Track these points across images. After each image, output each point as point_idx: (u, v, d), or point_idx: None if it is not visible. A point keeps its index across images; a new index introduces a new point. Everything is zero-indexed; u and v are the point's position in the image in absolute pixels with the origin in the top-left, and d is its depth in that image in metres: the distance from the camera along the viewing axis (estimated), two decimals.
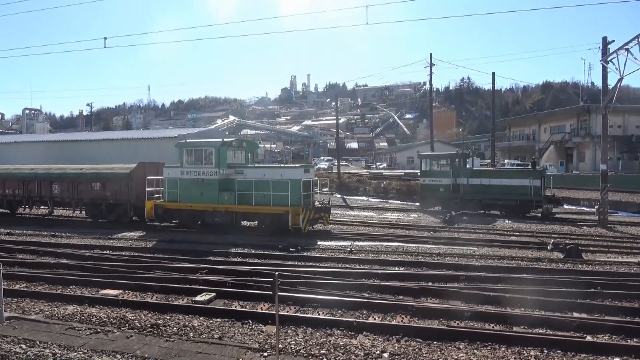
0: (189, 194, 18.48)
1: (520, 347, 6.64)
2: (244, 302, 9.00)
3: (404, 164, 75.16)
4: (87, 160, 26.86)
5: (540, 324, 7.58)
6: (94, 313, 8.25)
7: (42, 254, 13.84)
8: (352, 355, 6.40)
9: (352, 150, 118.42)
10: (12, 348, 6.61)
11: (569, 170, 53.78)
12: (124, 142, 38.07)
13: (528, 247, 15.09)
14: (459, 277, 10.56)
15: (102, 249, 14.75)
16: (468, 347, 6.71)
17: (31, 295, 9.43)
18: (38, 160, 28.42)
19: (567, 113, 59.50)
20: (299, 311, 8.42)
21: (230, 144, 18.94)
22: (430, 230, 18.81)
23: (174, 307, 8.60)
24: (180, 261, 12.43)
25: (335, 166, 46.70)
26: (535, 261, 12.79)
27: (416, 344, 6.84)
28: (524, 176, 23.84)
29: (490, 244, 15.47)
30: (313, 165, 24.17)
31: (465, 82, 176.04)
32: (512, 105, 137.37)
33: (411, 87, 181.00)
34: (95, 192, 21.15)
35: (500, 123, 72.40)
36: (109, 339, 6.97)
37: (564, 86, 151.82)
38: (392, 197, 33.88)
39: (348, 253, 13.93)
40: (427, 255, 13.46)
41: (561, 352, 6.48)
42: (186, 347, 6.68)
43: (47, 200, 22.58)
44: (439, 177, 25.70)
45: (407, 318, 7.97)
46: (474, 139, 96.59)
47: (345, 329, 7.44)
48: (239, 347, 6.67)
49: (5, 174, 23.62)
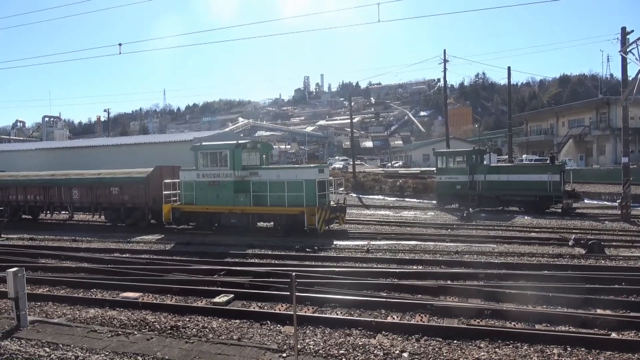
0: (205, 196, 18.62)
1: (542, 345, 6.52)
2: (262, 303, 9.02)
3: (419, 161, 74.73)
4: (105, 166, 27.29)
5: (563, 321, 7.44)
6: (115, 316, 8.36)
7: (64, 259, 14.09)
8: (371, 355, 6.36)
9: (367, 149, 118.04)
10: (36, 351, 6.74)
11: (588, 164, 52.75)
12: (140, 147, 38.62)
13: (549, 243, 14.83)
14: (478, 275, 10.43)
15: (122, 252, 14.96)
16: (489, 345, 6.62)
17: (54, 299, 9.59)
18: (58, 167, 28.96)
19: (586, 106, 58.37)
20: (317, 311, 8.41)
21: (245, 145, 19.02)
22: (447, 228, 18.63)
23: (193, 308, 8.66)
24: (198, 263, 12.53)
25: (351, 165, 46.60)
26: (556, 257, 12.57)
27: (436, 343, 6.77)
28: (542, 171, 23.46)
29: (509, 240, 15.24)
30: (327, 165, 24.14)
31: (480, 77, 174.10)
32: (528, 100, 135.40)
33: (425, 84, 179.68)
34: (113, 196, 21.45)
35: (517, 118, 71.36)
36: (129, 341, 7.05)
37: (582, 79, 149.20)
38: (409, 195, 33.66)
39: (365, 252, 13.87)
40: (445, 254, 13.33)
41: (585, 350, 6.35)
42: (206, 349, 6.72)
43: (67, 205, 22.98)
44: (456, 174, 25.44)
45: (426, 317, 7.89)
46: (491, 134, 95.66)
47: (364, 328, 7.40)
48: (258, 348, 6.68)
49: (26, 180, 24.12)
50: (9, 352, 6.70)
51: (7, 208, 24.15)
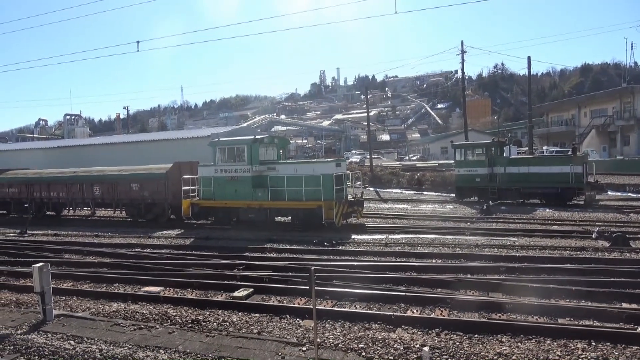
0: (223, 191, 18.76)
1: (566, 340, 6.40)
2: (281, 297, 9.06)
3: (437, 154, 74.03)
4: (126, 162, 27.70)
5: (586, 315, 7.30)
6: (137, 310, 8.50)
7: (87, 254, 14.37)
8: (391, 349, 6.33)
9: (384, 143, 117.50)
10: (62, 344, 6.89)
11: (612, 155, 51.54)
12: (159, 143, 39.08)
13: (571, 236, 14.54)
14: (499, 269, 10.29)
15: (143, 247, 15.19)
16: (511, 340, 6.53)
17: (78, 294, 9.79)
18: (79, 164, 29.52)
19: (609, 95, 56.95)
20: (336, 305, 8.40)
21: (262, 140, 19.08)
22: (467, 222, 18.43)
23: (213, 302, 8.75)
24: (217, 258, 12.64)
25: (368, 159, 46.41)
26: (579, 250, 12.32)
27: (456, 337, 6.71)
28: (564, 163, 22.99)
29: (530, 233, 15.01)
30: (345, 159, 24.05)
31: (499, 68, 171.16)
32: (549, 90, 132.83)
33: (442, 76, 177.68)
34: (134, 192, 21.78)
35: (537, 109, 70.04)
36: (152, 335, 7.16)
37: (604, 67, 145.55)
38: (427, 188, 33.38)
39: (383, 246, 13.80)
40: (465, 247, 13.19)
41: (610, 345, 6.21)
42: (226, 342, 6.78)
43: (89, 201, 23.43)
44: (475, 166, 25.13)
45: (446, 311, 7.83)
46: (510, 126, 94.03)
47: (383, 322, 7.37)
48: (277, 342, 6.72)
49: (50, 177, 24.65)
50: (35, 345, 6.87)
51: (31, 205, 24.76)
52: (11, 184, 25.64)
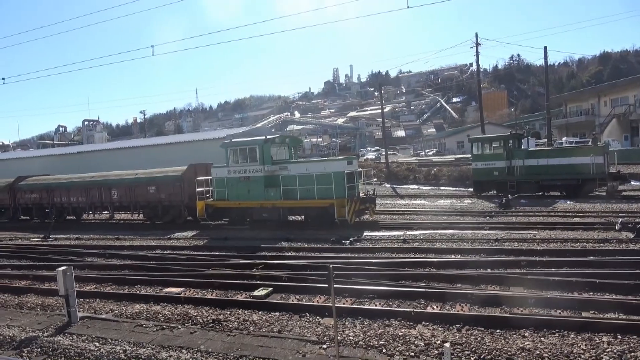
0: (236, 192, 18.91)
1: (591, 334, 6.29)
2: (300, 295, 9.08)
3: (453, 149, 73.27)
4: (144, 166, 28.06)
5: (612, 308, 7.16)
6: (159, 310, 8.61)
7: (109, 257, 14.62)
8: (412, 345, 6.30)
9: (399, 139, 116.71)
10: (87, 346, 7.02)
11: (634, 144, 50.33)
12: (176, 146, 39.50)
13: (593, 228, 14.26)
14: (520, 263, 10.15)
15: (163, 249, 15.39)
16: (534, 334, 6.44)
17: (101, 296, 9.97)
18: (98, 169, 30.01)
19: (630, 83, 55.52)
20: (355, 303, 8.39)
21: (274, 140, 19.16)
22: (485, 216, 18.22)
23: (233, 302, 8.81)
24: (236, 258, 12.73)
25: (383, 156, 46.19)
26: (602, 242, 12.09)
27: (478, 332, 6.64)
28: (584, 153, 22.56)
29: (551, 226, 14.77)
30: (356, 157, 24.02)
31: (514, 59, 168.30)
32: (567, 80, 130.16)
33: (457, 69, 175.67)
34: (150, 195, 22.08)
35: (556, 99, 68.67)
36: (174, 335, 7.26)
37: (624, 55, 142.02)
38: (444, 183, 33.09)
39: (401, 243, 13.73)
40: (484, 242, 13.04)
41: (637, 338, 6.08)
42: (247, 341, 6.83)
43: (107, 205, 23.82)
44: (493, 160, 24.83)
45: (467, 307, 7.76)
46: (528, 118, 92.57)
47: (403, 319, 7.34)
48: (298, 340, 6.74)
49: (69, 183, 25.14)
50: (62, 347, 7.01)
51: (53, 210, 25.28)
52: (32, 190, 26.23)
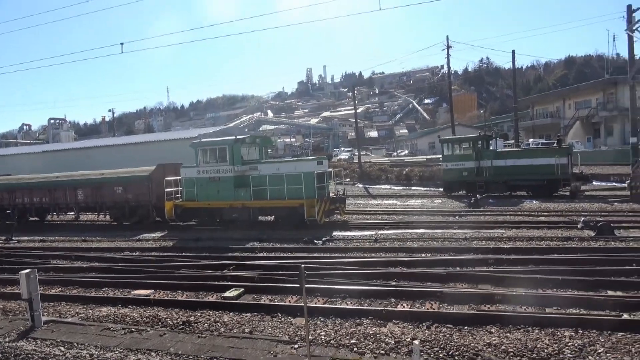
0: (205, 192, 18.73)
1: (554, 329, 6.51)
2: (272, 295, 9.07)
3: (425, 150, 74.39)
4: (112, 166, 27.41)
5: (574, 304, 7.42)
6: (128, 313, 8.44)
7: (75, 259, 14.22)
8: (382, 343, 6.38)
9: (372, 139, 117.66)
10: (51, 351, 6.82)
11: (596, 146, 52.24)
12: (145, 146, 38.82)
13: (557, 226, 14.75)
14: (487, 261, 10.41)
15: (132, 250, 15.08)
16: (500, 330, 6.62)
17: (66, 299, 9.69)
18: (64, 169, 29.15)
19: (593, 87, 57.65)
20: (327, 302, 8.43)
21: (244, 140, 19.06)
22: (455, 215, 18.59)
23: (204, 303, 8.72)
24: (207, 259, 12.60)
25: (356, 156, 46.48)
26: (565, 240, 12.50)
27: (447, 330, 6.78)
28: (550, 155, 23.29)
29: (517, 225, 15.18)
30: (327, 157, 24.14)
31: (484, 62, 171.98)
32: (534, 83, 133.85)
33: (429, 71, 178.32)
34: (117, 195, 21.59)
35: (523, 102, 70.65)
36: (143, 338, 7.13)
37: (587, 59, 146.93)
38: (415, 183, 33.58)
39: (373, 242, 13.87)
40: (454, 240, 13.31)
41: (597, 332, 6.33)
42: (218, 343, 6.77)
43: (72, 206, 23.12)
44: (462, 160, 25.35)
45: (437, 304, 7.90)
46: (496, 120, 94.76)
47: (374, 317, 7.42)
48: (270, 341, 6.73)
49: (32, 183, 24.32)
50: (24, 352, 6.79)
51: (14, 211, 24.39)
52: None
